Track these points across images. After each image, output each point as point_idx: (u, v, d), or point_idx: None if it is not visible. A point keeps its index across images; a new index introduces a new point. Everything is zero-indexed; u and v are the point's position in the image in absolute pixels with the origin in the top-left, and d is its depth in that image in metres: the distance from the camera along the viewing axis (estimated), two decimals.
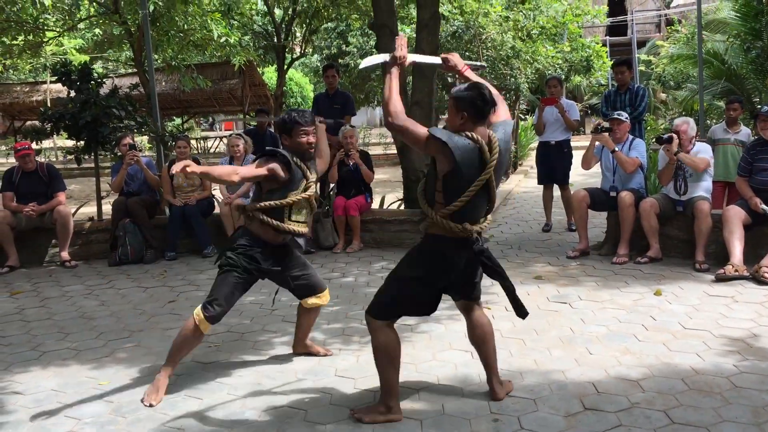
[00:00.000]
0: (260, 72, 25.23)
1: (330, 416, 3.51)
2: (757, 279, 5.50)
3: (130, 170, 7.85)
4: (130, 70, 22.82)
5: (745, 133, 7.37)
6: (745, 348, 4.18)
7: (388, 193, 10.42)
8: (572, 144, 8.48)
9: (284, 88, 24.25)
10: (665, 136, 6.33)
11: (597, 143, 6.84)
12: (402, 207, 8.37)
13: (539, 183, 8.49)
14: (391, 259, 6.91)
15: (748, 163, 6.14)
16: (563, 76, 13.73)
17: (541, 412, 3.46)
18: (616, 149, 6.64)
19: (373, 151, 18.58)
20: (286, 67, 22.91)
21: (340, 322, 5.06)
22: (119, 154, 8.08)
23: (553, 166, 8.17)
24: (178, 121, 27.91)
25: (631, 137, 6.88)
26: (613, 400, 3.55)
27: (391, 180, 13.18)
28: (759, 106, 8.46)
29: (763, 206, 5.86)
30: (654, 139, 6.49)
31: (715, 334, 4.45)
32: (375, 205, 8.40)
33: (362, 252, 7.38)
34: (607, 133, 6.68)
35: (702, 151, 6.35)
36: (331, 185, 7.92)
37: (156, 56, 13.65)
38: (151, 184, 7.95)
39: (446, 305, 5.32)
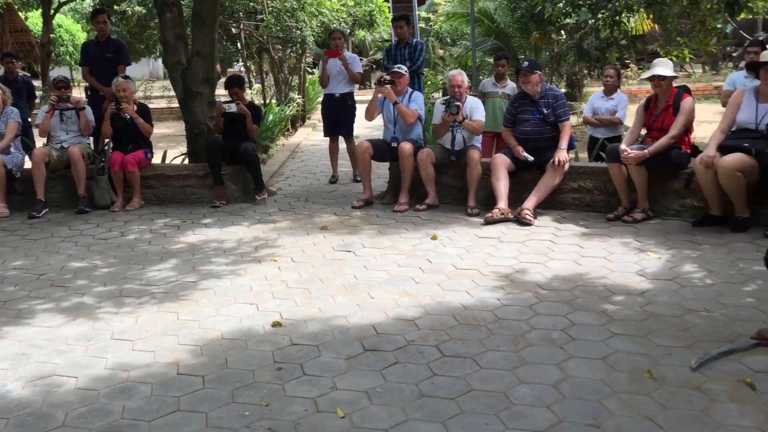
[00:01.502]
0: (22, 17, 22.78)
1: (103, 382, 3.32)
2: (520, 220, 6.01)
3: None
4: None
5: (511, 86, 7.95)
6: (508, 283, 4.57)
7: (171, 148, 9.97)
8: (357, 97, 8.64)
9: (52, 35, 22.11)
10: (454, 104, 6.59)
11: (380, 95, 7.02)
12: (186, 161, 8.05)
13: (325, 135, 8.58)
14: (174, 216, 6.64)
15: (512, 115, 6.65)
16: (348, 30, 13.88)
17: (323, 357, 3.55)
18: (398, 101, 6.86)
19: (156, 104, 17.64)
20: (53, 12, 20.86)
21: (117, 283, 4.79)
22: None
23: (338, 118, 8.29)
24: None
25: (410, 90, 7.15)
26: (391, 340, 3.73)
27: (175, 134, 12.61)
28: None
29: (525, 154, 6.38)
30: (442, 102, 6.73)
31: (483, 272, 4.82)
32: (156, 159, 8.00)
33: (143, 209, 7.01)
34: (390, 86, 6.88)
35: (476, 108, 6.75)
36: (106, 140, 7.39)
37: None
38: None
39: (230, 260, 5.26)
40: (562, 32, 12.67)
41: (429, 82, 14.42)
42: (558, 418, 2.91)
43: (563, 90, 15.19)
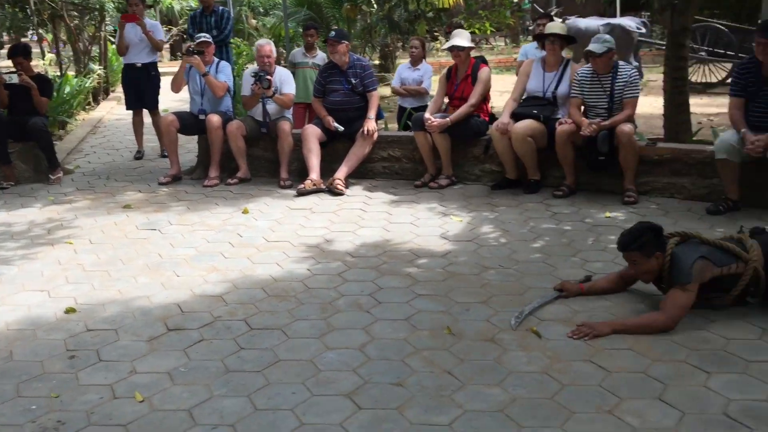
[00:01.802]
0: None
1: None
2: (332, 191, 6.05)
3: None
4: None
5: (321, 57, 7.91)
6: (318, 253, 4.59)
7: None
8: (165, 68, 8.21)
9: None
10: (264, 78, 6.43)
11: (186, 65, 6.73)
12: None
13: (128, 108, 8.08)
14: None
15: (322, 85, 6.62)
16: None
17: (122, 341, 3.37)
18: (207, 72, 6.62)
19: None
20: None
21: None
22: None
23: (141, 90, 7.84)
24: None
25: (216, 60, 6.91)
26: (196, 318, 3.61)
27: None
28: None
29: (335, 124, 6.40)
30: (252, 74, 6.52)
31: (294, 243, 4.80)
32: None
33: None
34: (198, 56, 6.61)
35: (286, 81, 6.66)
36: None
37: None
38: None
39: (19, 245, 4.84)
40: (373, 3, 12.86)
41: (244, 53, 14.09)
42: (363, 380, 2.97)
43: (376, 62, 15.50)
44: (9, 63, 7.04)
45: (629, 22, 11.51)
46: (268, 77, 6.43)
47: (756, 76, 4.89)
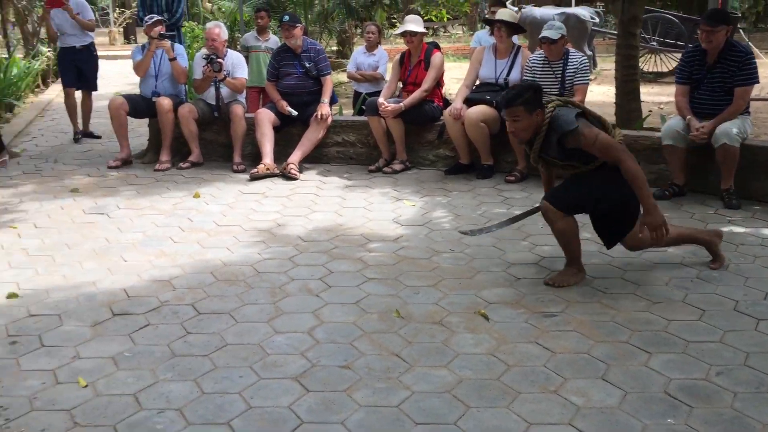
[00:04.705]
0: None
1: None
2: (285, 175, 6.01)
3: None
4: None
5: (273, 40, 7.84)
6: (270, 237, 4.56)
7: None
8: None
9: None
10: (216, 61, 6.33)
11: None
12: None
13: (66, 87, 7.77)
14: None
15: (275, 69, 6.56)
16: None
17: (66, 326, 3.30)
18: (174, 57, 6.54)
19: None
20: None
21: None
22: None
23: (82, 70, 7.64)
24: None
25: (169, 42, 6.79)
26: (143, 303, 3.55)
27: None
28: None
29: (289, 108, 6.35)
30: (204, 56, 6.41)
31: (246, 227, 4.76)
32: None
33: None
34: (169, 41, 6.55)
35: (238, 65, 6.57)
36: None
37: None
38: None
39: None
40: None
41: (199, 36, 13.85)
42: (311, 363, 2.96)
43: (334, 47, 15.41)
44: None
45: (583, 12, 11.66)
46: (219, 60, 6.34)
47: (701, 64, 4.99)
